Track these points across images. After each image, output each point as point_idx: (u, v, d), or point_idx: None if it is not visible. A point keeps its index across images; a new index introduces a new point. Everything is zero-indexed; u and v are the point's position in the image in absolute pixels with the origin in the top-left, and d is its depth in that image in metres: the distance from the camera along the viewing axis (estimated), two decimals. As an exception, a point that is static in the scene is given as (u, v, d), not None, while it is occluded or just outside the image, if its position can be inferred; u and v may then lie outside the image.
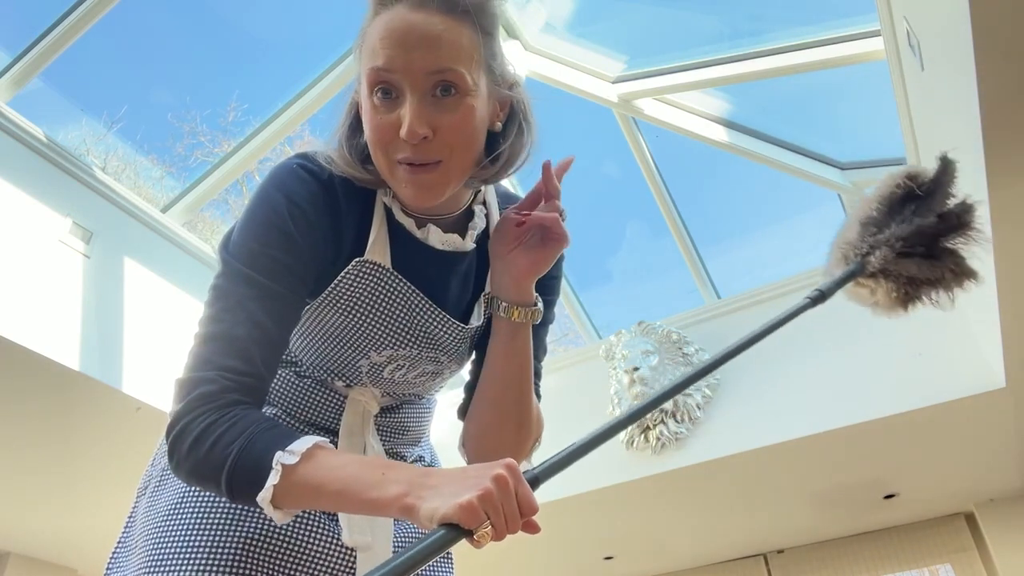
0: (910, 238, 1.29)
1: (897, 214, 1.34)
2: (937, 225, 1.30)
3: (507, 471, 0.72)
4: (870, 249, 1.31)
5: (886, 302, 1.38)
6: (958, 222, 1.32)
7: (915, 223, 1.30)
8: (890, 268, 1.30)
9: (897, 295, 1.36)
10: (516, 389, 1.02)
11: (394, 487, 0.74)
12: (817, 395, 3.50)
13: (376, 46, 0.87)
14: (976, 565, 4.23)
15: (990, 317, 2.78)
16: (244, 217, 0.93)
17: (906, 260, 1.30)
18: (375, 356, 1.00)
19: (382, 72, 0.87)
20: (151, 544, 0.95)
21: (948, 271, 1.32)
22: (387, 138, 0.88)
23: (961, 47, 1.69)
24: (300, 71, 3.66)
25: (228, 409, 0.82)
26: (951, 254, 1.32)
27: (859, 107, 3.87)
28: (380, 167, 0.91)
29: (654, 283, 5.17)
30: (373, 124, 0.89)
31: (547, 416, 1.11)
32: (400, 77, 0.86)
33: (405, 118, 0.86)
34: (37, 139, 3.00)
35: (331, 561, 0.97)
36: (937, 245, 1.31)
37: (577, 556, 4.79)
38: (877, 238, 1.31)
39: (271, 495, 0.77)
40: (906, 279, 1.33)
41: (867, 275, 1.33)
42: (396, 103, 0.87)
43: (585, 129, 4.39)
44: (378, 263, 0.96)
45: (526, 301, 1.00)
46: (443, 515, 0.69)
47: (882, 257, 1.29)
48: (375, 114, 0.88)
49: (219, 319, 0.87)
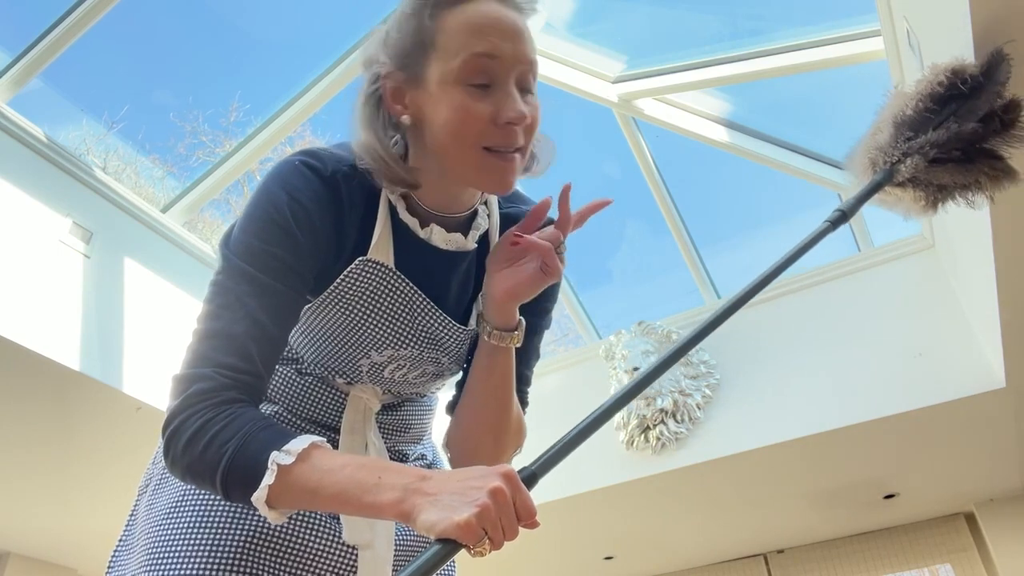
0: (947, 144, 1.19)
1: (936, 115, 1.23)
2: (977, 129, 1.20)
3: (505, 482, 0.72)
4: (901, 157, 1.20)
5: (913, 208, 1.29)
6: (1001, 123, 1.22)
7: (953, 128, 1.19)
8: (920, 177, 1.21)
9: (926, 202, 1.27)
10: (494, 405, 1.01)
11: (390, 493, 0.73)
12: (817, 395, 3.50)
13: (475, 33, 0.87)
14: (976, 565, 4.23)
15: (990, 317, 2.78)
16: (245, 213, 0.92)
17: (938, 168, 1.20)
18: (376, 356, 1.00)
19: (485, 59, 0.87)
20: (152, 542, 0.94)
21: (983, 174, 1.22)
22: (481, 125, 0.87)
23: (961, 47, 1.69)
24: (300, 71, 3.66)
25: (225, 407, 0.81)
26: (988, 155, 1.22)
27: (859, 107, 3.87)
28: (460, 156, 0.89)
29: (654, 283, 5.17)
30: (468, 110, 0.87)
31: (547, 416, 1.11)
32: (500, 65, 0.87)
33: (513, 103, 0.87)
34: (37, 139, 3.00)
35: (332, 559, 0.97)
36: (973, 148, 1.21)
37: (577, 556, 4.79)
38: (911, 144, 1.20)
39: (266, 495, 0.77)
40: (936, 186, 1.24)
41: (895, 184, 1.24)
42: (488, 91, 0.88)
43: (585, 129, 4.39)
44: (381, 262, 0.95)
45: (506, 324, 0.98)
46: (441, 531, 0.69)
47: (913, 166, 1.19)
48: (471, 101, 0.87)
49: (217, 316, 0.86)
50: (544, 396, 3.67)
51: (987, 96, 1.23)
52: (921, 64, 2.25)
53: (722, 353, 3.84)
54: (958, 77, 1.25)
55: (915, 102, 1.26)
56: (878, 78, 3.08)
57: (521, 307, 1.07)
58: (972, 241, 2.60)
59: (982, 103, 1.23)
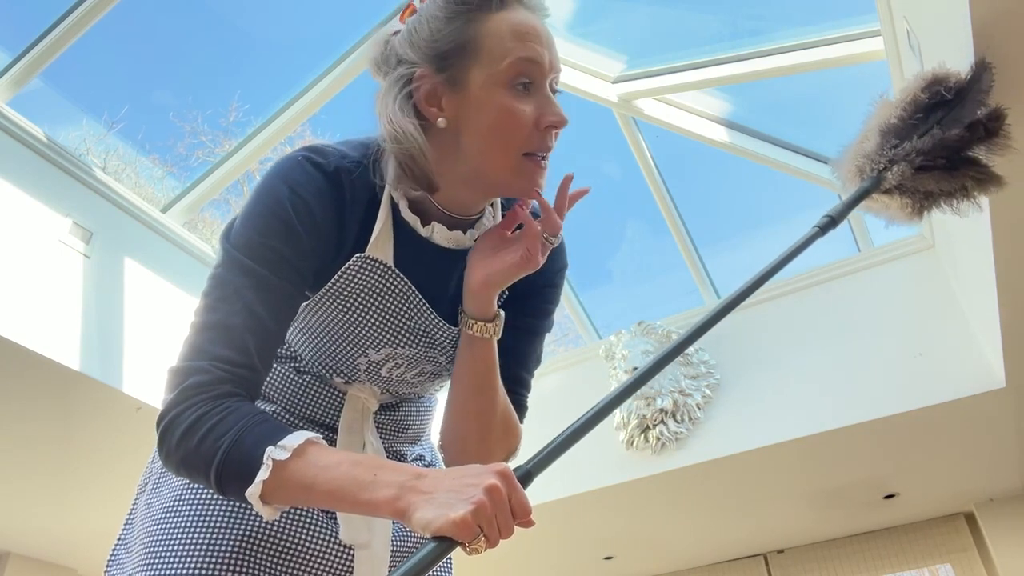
0: (932, 151, 1.20)
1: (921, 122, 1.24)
2: (962, 136, 1.21)
3: (500, 479, 0.72)
4: (888, 164, 1.22)
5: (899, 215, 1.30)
6: (985, 131, 1.24)
7: (938, 136, 1.20)
8: (907, 184, 1.23)
9: (912, 209, 1.28)
10: (476, 399, 0.99)
11: (386, 490, 0.73)
12: (817, 395, 3.50)
13: (519, 39, 0.90)
14: (976, 565, 4.23)
15: (990, 317, 2.78)
16: (247, 207, 0.92)
17: (924, 175, 1.21)
18: (373, 354, 1.00)
19: (529, 64, 0.90)
20: (150, 540, 0.94)
21: (969, 180, 1.24)
22: (527, 129, 0.90)
23: (961, 47, 1.69)
24: (300, 71, 3.66)
25: (220, 401, 0.81)
26: (973, 163, 1.24)
27: (859, 107, 3.87)
28: (498, 159, 0.91)
29: (654, 283, 5.17)
30: (514, 112, 0.89)
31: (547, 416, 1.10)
32: (539, 70, 0.91)
33: (550, 106, 0.91)
34: (37, 139, 3.00)
35: (329, 558, 0.97)
36: (958, 155, 1.23)
37: (577, 556, 4.79)
38: (896, 151, 1.22)
39: (260, 490, 0.76)
40: (923, 193, 1.26)
41: (882, 191, 1.26)
42: (529, 96, 0.91)
43: (585, 129, 4.38)
44: (380, 260, 0.95)
45: (482, 314, 0.97)
46: (437, 528, 0.69)
47: (899, 173, 1.21)
48: (516, 103, 0.90)
49: (215, 308, 0.86)
50: (544, 396, 3.67)
51: (971, 104, 1.25)
52: (921, 64, 2.25)
53: (722, 353, 3.84)
54: (942, 85, 1.26)
55: (900, 110, 1.27)
56: (878, 78, 3.08)
57: (520, 307, 1.06)
58: (972, 241, 2.60)
59: (967, 111, 1.25)
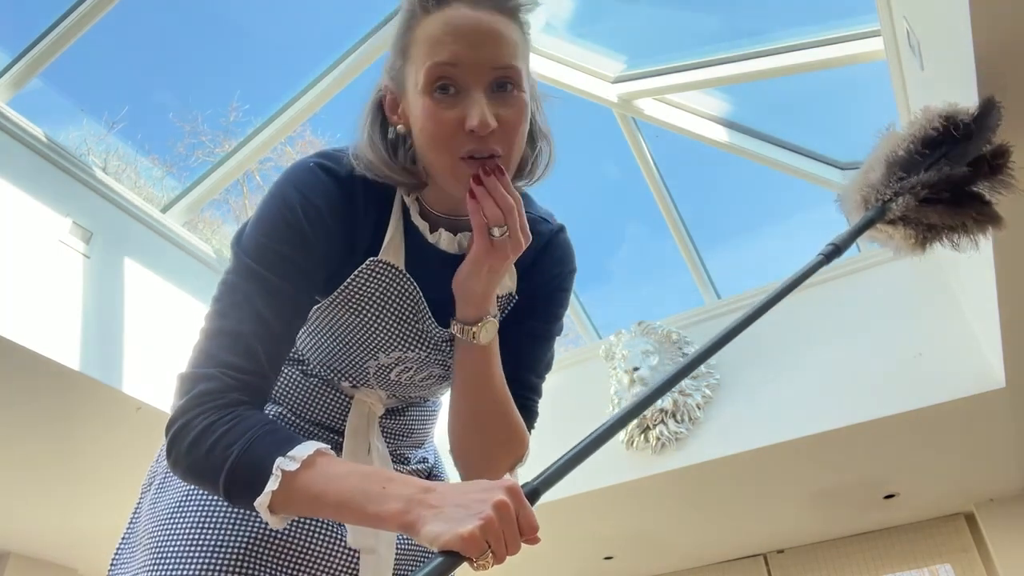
0: (937, 185, 1.22)
1: (927, 157, 1.26)
2: (967, 173, 1.23)
3: (509, 496, 0.72)
4: (893, 196, 1.23)
5: (903, 246, 1.32)
6: (989, 168, 1.25)
7: (944, 171, 1.22)
8: (911, 216, 1.24)
9: (915, 240, 1.30)
10: (472, 404, 0.98)
11: (394, 503, 0.73)
12: (817, 395, 3.50)
13: (437, 42, 0.86)
14: (976, 565, 4.23)
15: (990, 317, 2.78)
16: (258, 213, 0.92)
17: (928, 208, 1.23)
18: (383, 357, 1.00)
19: (446, 67, 0.85)
20: (155, 541, 0.94)
21: (971, 218, 1.26)
22: (449, 133, 0.86)
23: (961, 47, 1.69)
24: (300, 71, 3.66)
25: (229, 409, 0.81)
26: (976, 200, 1.26)
27: (859, 107, 3.87)
28: (437, 164, 0.89)
29: (654, 283, 5.18)
30: (435, 119, 0.86)
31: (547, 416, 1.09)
32: (463, 72, 0.86)
33: (474, 110, 0.85)
34: (37, 139, 3.00)
35: (334, 562, 0.97)
36: (963, 191, 1.24)
37: (577, 556, 4.79)
38: (902, 184, 1.23)
39: (269, 501, 0.76)
40: (926, 226, 1.27)
41: (886, 222, 1.26)
42: (455, 99, 0.86)
43: (585, 129, 4.38)
44: (392, 264, 0.95)
45: (460, 316, 0.95)
46: (445, 543, 0.69)
47: (904, 204, 1.22)
48: (436, 109, 0.86)
49: (225, 314, 0.86)
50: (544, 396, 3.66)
51: (978, 141, 1.27)
52: (921, 64, 2.25)
53: (722, 353, 3.82)
54: (951, 123, 1.28)
55: (908, 143, 1.29)
56: (878, 78, 3.08)
57: (529, 311, 1.06)
58: (972, 241, 2.60)
59: (972, 147, 1.27)
